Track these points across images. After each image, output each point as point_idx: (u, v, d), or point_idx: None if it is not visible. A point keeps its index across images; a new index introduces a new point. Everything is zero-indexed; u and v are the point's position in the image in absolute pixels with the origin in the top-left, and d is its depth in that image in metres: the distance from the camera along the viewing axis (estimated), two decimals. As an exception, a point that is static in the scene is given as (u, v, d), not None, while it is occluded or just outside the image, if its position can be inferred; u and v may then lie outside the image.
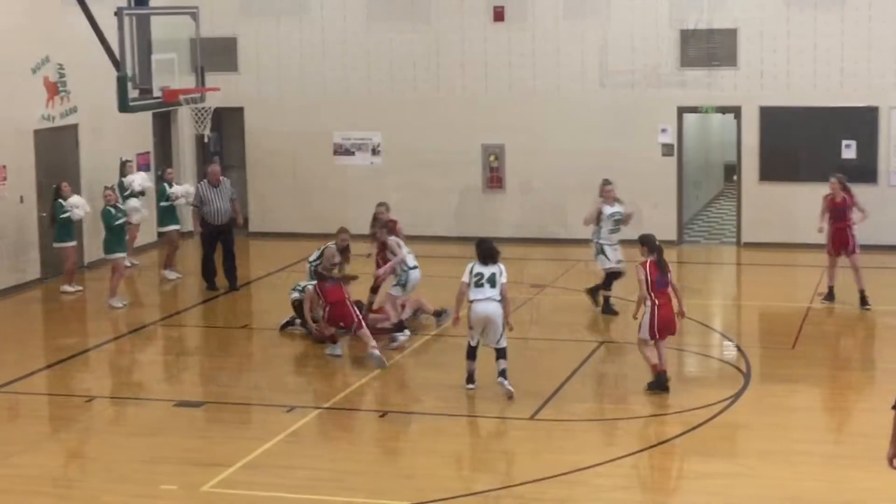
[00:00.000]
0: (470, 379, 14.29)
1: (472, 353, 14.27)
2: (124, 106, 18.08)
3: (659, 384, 14.00)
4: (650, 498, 11.64)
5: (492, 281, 14.03)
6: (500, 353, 14.14)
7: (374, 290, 17.20)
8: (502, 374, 14.06)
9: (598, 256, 17.62)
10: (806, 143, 22.14)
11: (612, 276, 17.63)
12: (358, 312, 15.76)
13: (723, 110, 23.18)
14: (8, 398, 14.66)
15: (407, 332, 16.45)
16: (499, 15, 23.19)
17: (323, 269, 16.17)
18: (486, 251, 14.23)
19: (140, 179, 20.64)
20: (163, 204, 21.10)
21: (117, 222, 18.98)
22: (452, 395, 14.46)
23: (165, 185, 21.10)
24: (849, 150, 21.98)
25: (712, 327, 17.39)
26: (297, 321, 16.92)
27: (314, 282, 16.33)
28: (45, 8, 20.52)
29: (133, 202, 20.20)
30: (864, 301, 17.65)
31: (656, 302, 13.97)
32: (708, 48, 22.49)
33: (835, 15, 21.88)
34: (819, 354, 15.89)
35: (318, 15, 23.98)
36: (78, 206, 19.37)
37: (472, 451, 12.59)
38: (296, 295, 16.85)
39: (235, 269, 19.96)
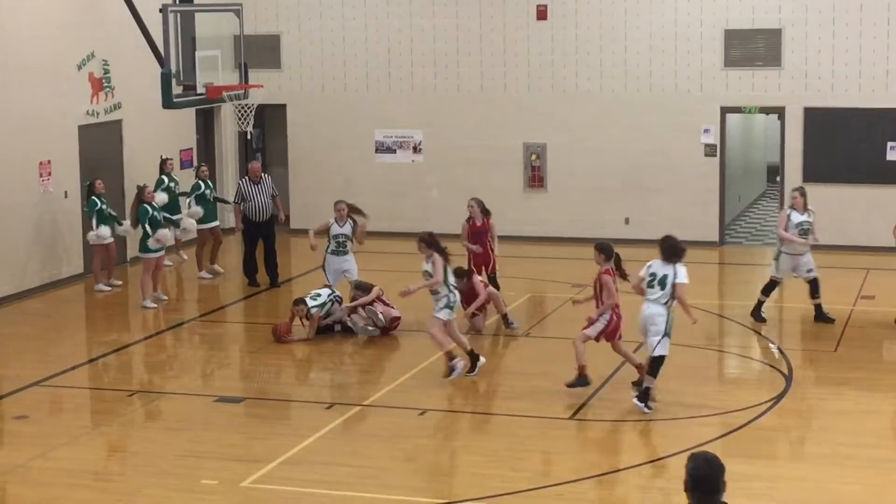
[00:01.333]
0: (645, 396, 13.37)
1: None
2: (168, 102, 18.18)
3: (583, 382, 13.98)
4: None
5: (662, 283, 13.22)
6: (649, 367, 13.40)
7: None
8: (642, 396, 13.38)
9: (773, 261, 17.26)
10: (850, 144, 21.99)
11: (774, 284, 17.27)
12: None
13: (766, 111, 23.07)
14: (51, 392, 14.77)
15: (482, 359, 15.09)
16: (542, 13, 23.16)
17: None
18: (670, 248, 13.35)
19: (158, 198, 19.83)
20: (188, 198, 21.01)
21: (148, 221, 18.72)
22: (492, 394, 14.46)
23: (200, 182, 21.03)
24: (893, 152, 21.82)
25: (754, 329, 17.29)
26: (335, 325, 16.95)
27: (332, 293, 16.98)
28: (91, 4, 20.67)
29: (188, 222, 20.34)
30: None
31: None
32: (752, 48, 22.38)
33: (880, 16, 21.72)
34: (862, 357, 15.77)
35: (362, 12, 24.03)
36: (102, 236, 19.37)
37: (510, 451, 12.55)
38: (315, 309, 16.81)
39: (277, 265, 20.03)
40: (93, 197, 19.42)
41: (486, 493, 11.28)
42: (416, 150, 24.09)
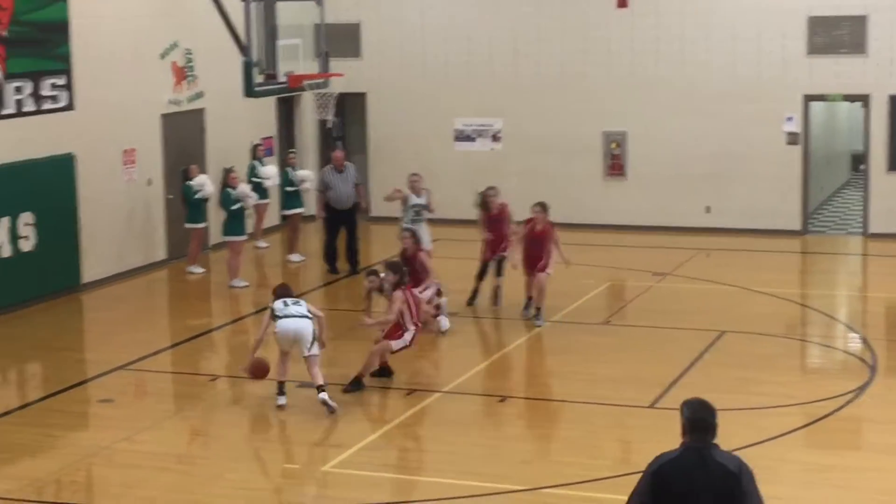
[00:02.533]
0: None
1: None
2: (250, 91, 18.34)
3: (357, 386, 13.94)
4: (771, 490, 11.41)
5: None
6: None
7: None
8: None
9: None
10: (937, 132, 21.65)
11: None
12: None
13: (850, 99, 22.77)
14: (136, 376, 14.98)
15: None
16: (622, 1, 23.01)
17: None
18: None
19: (206, 185, 19.99)
20: (287, 189, 21.51)
21: (233, 207, 19.22)
22: (572, 382, 14.43)
23: (288, 169, 21.47)
24: (981, 140, 21.47)
25: (837, 318, 17.10)
26: None
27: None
28: (174, -6, 20.91)
29: (243, 188, 20.12)
30: None
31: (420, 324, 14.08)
32: (836, 35, 22.08)
33: (969, 1, 21.35)
34: (948, 348, 15.54)
35: (441, 0, 24.04)
36: (205, 183, 19.78)
37: (590, 438, 12.54)
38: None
39: (357, 252, 20.14)
40: (187, 182, 19.74)
41: (564, 481, 11.27)
42: (495, 138, 24.08)
